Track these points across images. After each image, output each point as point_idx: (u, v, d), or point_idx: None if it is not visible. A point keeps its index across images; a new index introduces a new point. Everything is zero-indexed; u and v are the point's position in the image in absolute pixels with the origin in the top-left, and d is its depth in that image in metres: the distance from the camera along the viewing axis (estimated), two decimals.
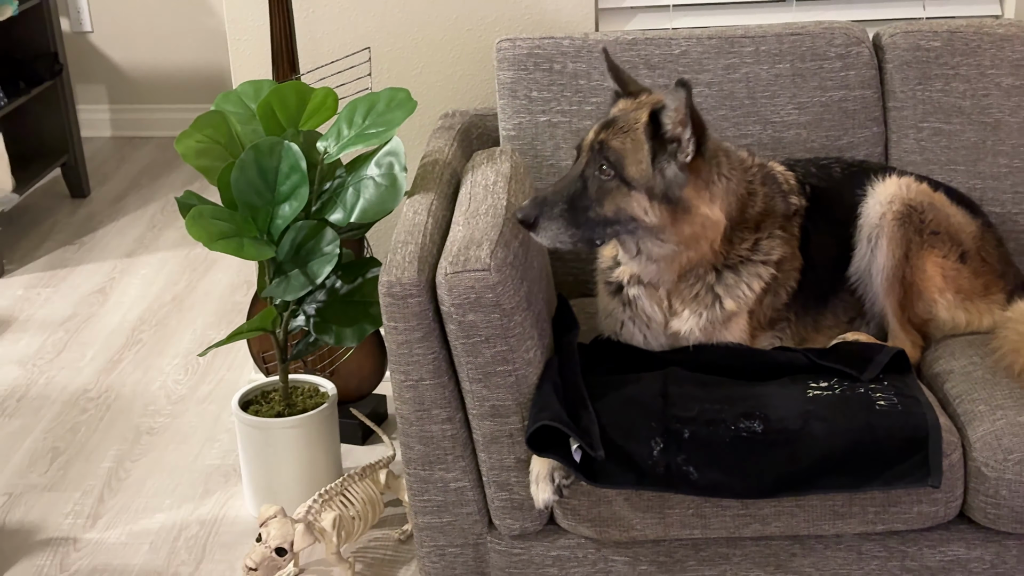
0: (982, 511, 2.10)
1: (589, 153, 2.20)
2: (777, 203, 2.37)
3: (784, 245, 2.35)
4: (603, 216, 2.17)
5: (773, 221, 2.34)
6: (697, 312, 2.29)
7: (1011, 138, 2.63)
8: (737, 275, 2.30)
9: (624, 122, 2.20)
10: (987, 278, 2.45)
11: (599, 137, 2.19)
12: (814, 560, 2.18)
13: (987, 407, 2.13)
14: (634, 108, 2.23)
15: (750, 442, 2.04)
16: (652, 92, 2.29)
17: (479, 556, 2.22)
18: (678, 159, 2.16)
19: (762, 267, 2.32)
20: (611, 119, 2.23)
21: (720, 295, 2.29)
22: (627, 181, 2.16)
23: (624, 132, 2.18)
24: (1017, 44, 2.64)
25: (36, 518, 2.84)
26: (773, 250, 2.33)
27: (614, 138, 2.18)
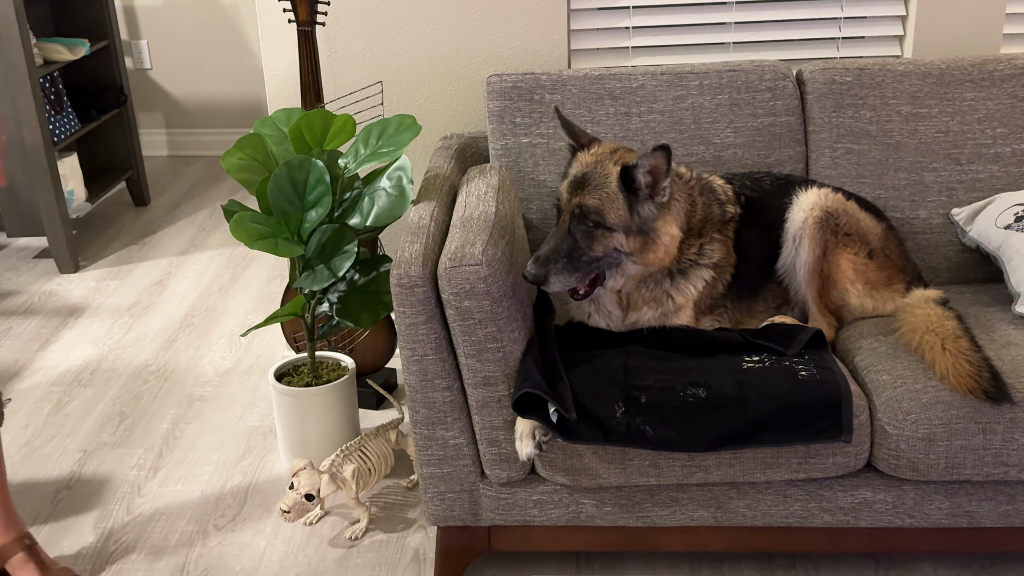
0: (885, 461, 2.10)
1: (571, 216, 2.17)
2: (714, 209, 2.37)
3: (722, 247, 2.35)
4: (593, 257, 2.18)
5: (712, 226, 2.35)
6: (652, 307, 2.30)
7: (909, 156, 2.63)
8: (685, 278, 2.30)
9: (595, 179, 2.17)
10: (890, 271, 2.45)
11: (576, 200, 2.17)
12: (748, 502, 2.18)
13: (890, 377, 2.13)
14: (595, 161, 2.21)
15: (696, 406, 2.04)
16: (601, 142, 2.28)
17: (473, 500, 2.21)
18: (655, 200, 2.17)
19: (705, 269, 2.32)
20: (581, 177, 2.19)
21: (671, 294, 2.30)
22: (609, 227, 2.16)
23: (597, 188, 2.16)
24: (914, 79, 2.64)
25: (107, 470, 2.82)
26: (713, 253, 2.33)
27: (590, 197, 2.16)
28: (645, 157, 2.12)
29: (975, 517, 2.16)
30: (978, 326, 2.26)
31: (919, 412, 2.05)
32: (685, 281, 2.30)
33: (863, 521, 2.18)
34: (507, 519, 2.23)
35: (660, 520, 2.21)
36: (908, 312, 2.26)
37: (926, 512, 2.16)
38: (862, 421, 2.07)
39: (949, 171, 2.63)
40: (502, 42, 2.91)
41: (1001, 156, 2.62)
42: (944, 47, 2.87)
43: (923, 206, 2.64)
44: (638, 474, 2.12)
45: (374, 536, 2.51)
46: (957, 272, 2.65)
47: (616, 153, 2.23)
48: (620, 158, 2.21)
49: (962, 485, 2.13)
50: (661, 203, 2.18)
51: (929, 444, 2.05)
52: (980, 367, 2.05)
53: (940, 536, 2.22)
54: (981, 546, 2.25)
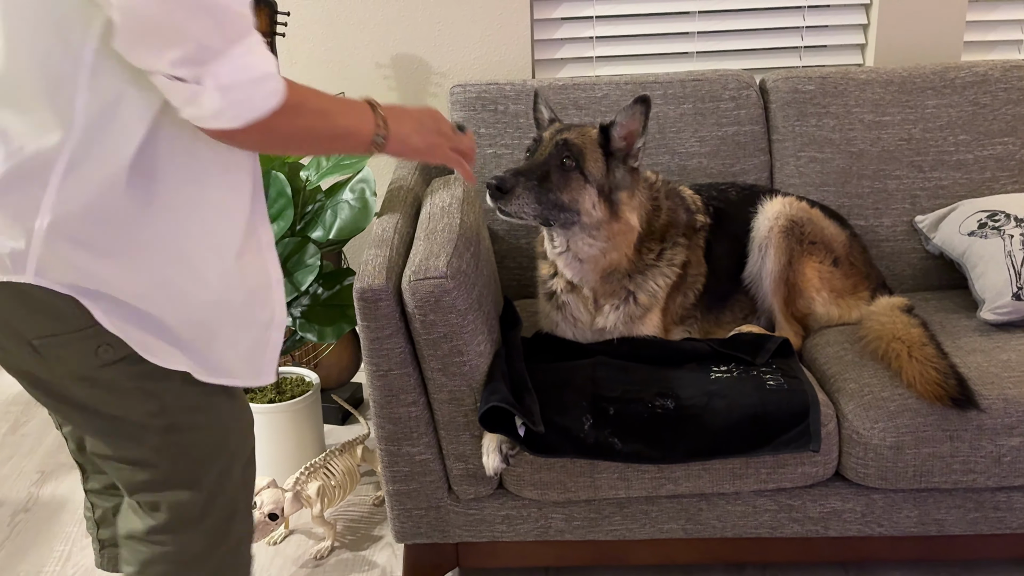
0: (854, 470, 2.10)
1: (553, 146, 2.14)
2: (680, 215, 2.36)
3: (686, 252, 2.34)
4: (561, 201, 2.12)
5: (676, 231, 2.33)
6: (615, 306, 2.28)
7: (872, 164, 2.65)
8: (645, 277, 2.29)
9: (578, 129, 2.19)
10: (855, 279, 2.46)
11: (560, 136, 2.16)
12: (718, 513, 2.17)
13: (856, 385, 2.14)
14: (570, 124, 2.24)
15: (664, 417, 2.02)
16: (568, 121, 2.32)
17: (441, 516, 2.18)
18: (627, 163, 2.16)
19: (667, 269, 2.31)
20: (565, 125, 2.22)
21: (633, 292, 2.28)
22: (585, 175, 2.13)
23: (581, 135, 2.17)
24: (876, 87, 2.66)
25: (65, 491, 2.76)
26: (676, 256, 2.32)
27: (575, 137, 2.16)
28: (623, 112, 2.13)
29: (944, 525, 2.16)
30: (943, 333, 2.27)
31: (887, 420, 2.05)
32: (644, 280, 2.28)
33: (832, 530, 2.18)
34: (475, 535, 2.20)
35: (630, 533, 2.19)
36: (874, 320, 2.27)
37: (895, 520, 2.16)
38: (830, 430, 2.06)
39: (912, 178, 2.64)
40: (465, 52, 2.89)
41: (963, 163, 2.64)
42: (906, 55, 2.90)
43: (887, 214, 2.65)
44: (607, 487, 2.11)
45: (340, 555, 2.47)
46: (921, 279, 2.66)
47: (587, 125, 2.24)
48: (593, 123, 2.23)
49: (931, 493, 2.13)
50: (632, 168, 2.18)
51: (897, 452, 2.05)
52: (946, 374, 2.06)
53: (909, 544, 2.22)
54: (950, 554, 2.26)
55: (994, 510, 2.14)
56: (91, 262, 1.27)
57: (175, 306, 1.34)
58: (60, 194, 1.23)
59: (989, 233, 2.41)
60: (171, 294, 1.34)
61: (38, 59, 1.22)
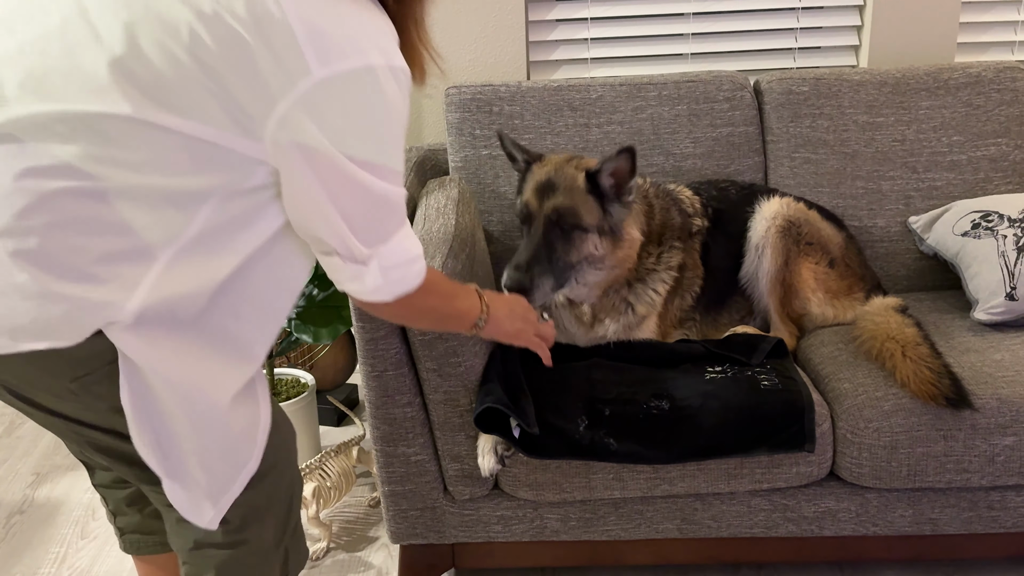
0: (848, 470, 2.11)
1: (546, 220, 2.11)
2: (673, 216, 2.37)
3: (683, 255, 2.35)
4: (570, 262, 2.13)
5: (671, 233, 2.34)
6: (615, 319, 2.28)
7: (866, 165, 2.65)
8: (645, 285, 2.29)
9: (562, 182, 2.13)
10: (850, 280, 2.47)
11: (550, 204, 2.12)
12: (713, 513, 2.17)
13: (851, 385, 2.14)
14: (554, 169, 2.17)
15: (659, 418, 2.03)
16: (545, 155, 2.25)
17: (436, 517, 2.19)
18: (623, 201, 2.15)
19: (665, 273, 2.31)
20: (547, 182, 2.15)
21: (632, 303, 2.28)
22: (584, 227, 2.13)
23: (568, 191, 2.12)
24: (870, 88, 2.67)
25: (60, 493, 2.76)
26: (672, 259, 2.33)
27: (564, 199, 2.12)
28: (608, 160, 2.11)
29: (938, 524, 2.17)
30: (937, 333, 2.28)
31: (881, 420, 2.06)
32: (644, 288, 2.28)
33: (827, 530, 2.18)
34: (471, 536, 2.20)
35: (625, 533, 2.19)
36: (868, 320, 2.28)
37: (889, 520, 2.17)
38: (824, 430, 2.07)
39: (906, 179, 2.65)
40: (461, 54, 2.89)
41: (957, 164, 2.64)
42: (899, 56, 2.90)
43: (881, 214, 2.65)
44: (602, 488, 2.11)
45: (336, 556, 2.47)
46: (915, 279, 2.67)
47: (571, 161, 2.21)
48: (578, 164, 2.19)
49: (924, 492, 2.14)
50: (628, 202, 2.17)
51: (891, 452, 2.06)
52: (940, 374, 2.06)
53: (904, 544, 2.23)
54: (944, 553, 2.26)
55: (988, 509, 2.15)
56: (146, 341, 1.32)
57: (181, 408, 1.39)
58: (157, 281, 1.28)
59: (983, 234, 2.41)
60: (182, 396, 1.38)
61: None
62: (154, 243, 1.27)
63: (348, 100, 1.26)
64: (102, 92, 1.22)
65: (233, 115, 1.25)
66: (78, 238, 1.25)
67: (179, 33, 1.22)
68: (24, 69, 1.24)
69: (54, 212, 1.23)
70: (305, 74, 1.23)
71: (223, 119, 1.25)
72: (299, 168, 1.28)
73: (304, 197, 1.30)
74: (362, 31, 1.28)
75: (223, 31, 1.22)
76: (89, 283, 1.26)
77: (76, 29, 1.24)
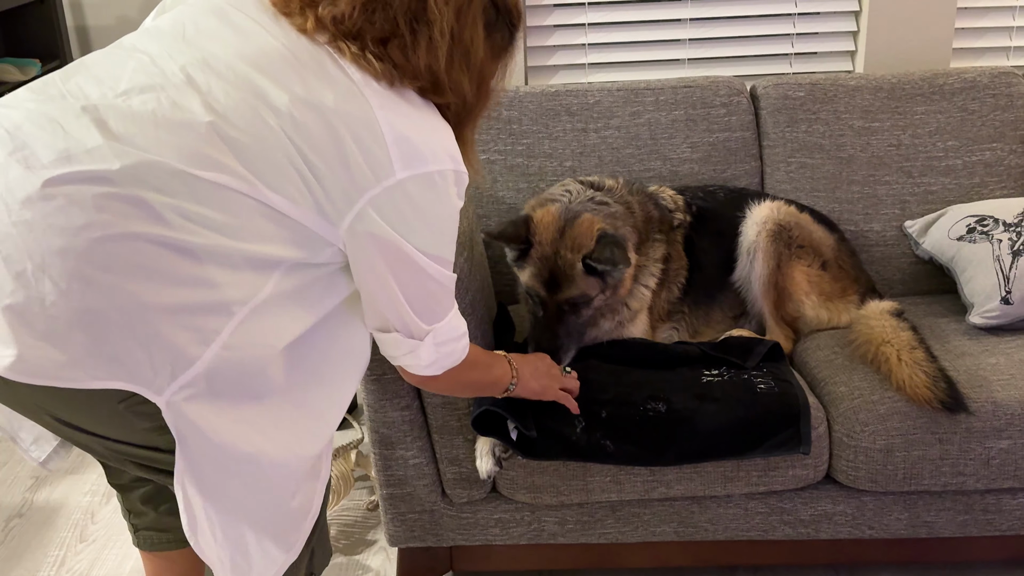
0: (844, 473, 2.11)
1: (558, 311, 2.14)
2: (651, 210, 2.38)
3: (665, 246, 2.36)
4: (582, 325, 2.19)
5: (651, 226, 2.35)
6: (610, 318, 2.29)
7: (862, 170, 2.66)
8: (636, 282, 2.30)
9: (564, 275, 2.12)
10: (844, 283, 2.48)
11: (559, 298, 2.13)
12: (710, 516, 2.18)
13: (846, 388, 2.15)
14: (553, 253, 2.12)
15: (656, 420, 2.03)
16: (537, 221, 2.16)
17: (434, 520, 2.19)
18: (620, 269, 2.15)
19: (653, 266, 2.33)
20: (551, 278, 2.13)
21: (626, 301, 2.29)
22: (591, 299, 2.16)
23: (571, 280, 2.12)
24: (866, 93, 2.68)
25: (59, 497, 2.76)
26: (656, 251, 2.34)
27: (569, 290, 2.12)
28: (597, 255, 2.10)
29: (934, 527, 2.17)
30: (933, 337, 2.28)
31: (876, 423, 2.07)
32: (636, 285, 2.29)
33: (823, 533, 2.19)
34: (468, 539, 2.21)
35: (622, 536, 2.20)
36: (864, 324, 2.28)
37: (885, 523, 2.17)
38: (820, 433, 2.08)
39: (901, 184, 2.66)
40: None
41: (952, 169, 2.66)
42: (895, 62, 2.92)
43: (876, 219, 2.67)
44: (600, 490, 2.12)
45: (334, 559, 2.48)
46: (911, 284, 2.68)
47: (564, 238, 2.13)
48: (574, 243, 2.12)
49: (920, 495, 2.15)
50: (623, 269, 2.17)
51: (887, 455, 2.07)
52: (936, 377, 2.07)
53: (900, 547, 2.23)
54: (940, 556, 2.27)
55: (983, 512, 2.16)
56: (215, 410, 1.37)
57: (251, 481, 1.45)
58: (229, 338, 1.34)
59: (978, 238, 2.42)
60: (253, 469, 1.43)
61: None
62: (233, 300, 1.33)
63: (421, 199, 1.41)
64: (200, 154, 1.30)
65: (316, 198, 1.35)
66: (163, 284, 1.30)
67: (279, 110, 1.32)
68: (125, 116, 1.31)
69: (137, 255, 1.29)
70: (390, 175, 1.37)
71: (308, 200, 1.35)
72: (371, 254, 1.42)
73: (372, 279, 1.45)
74: (437, 138, 1.43)
75: (317, 118, 1.33)
76: (174, 327, 1.31)
77: (182, 89, 1.33)
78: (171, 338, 1.31)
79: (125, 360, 1.29)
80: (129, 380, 1.30)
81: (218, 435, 1.37)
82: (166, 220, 1.29)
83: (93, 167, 1.27)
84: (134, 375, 1.30)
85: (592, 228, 2.14)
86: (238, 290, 1.34)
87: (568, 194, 2.27)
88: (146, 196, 1.27)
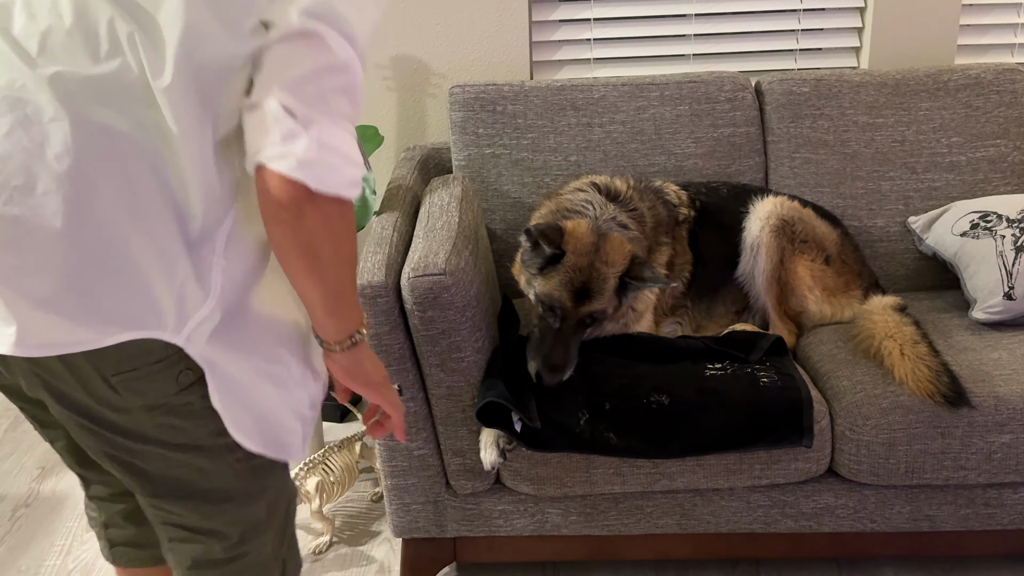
0: (846, 466, 2.12)
1: (578, 322, 2.12)
2: (661, 212, 2.39)
3: (671, 248, 2.37)
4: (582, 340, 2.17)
5: (661, 229, 2.36)
6: (615, 321, 2.29)
7: (866, 165, 2.67)
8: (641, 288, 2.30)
9: (597, 286, 2.11)
10: (847, 277, 2.49)
11: (585, 310, 2.11)
12: (712, 509, 2.19)
13: (849, 382, 2.16)
14: (588, 264, 2.11)
15: (659, 413, 2.05)
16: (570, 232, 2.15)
17: (439, 511, 2.20)
18: (636, 289, 2.18)
19: (658, 270, 2.33)
20: (582, 286, 2.10)
21: (632, 304, 2.30)
22: (606, 315, 2.17)
23: (600, 294, 2.12)
24: (870, 89, 2.68)
25: (65, 487, 2.78)
26: (662, 254, 2.36)
27: (598, 304, 2.12)
28: (646, 271, 2.13)
29: (935, 521, 2.18)
30: (936, 332, 2.29)
31: (879, 417, 2.08)
32: (640, 291, 2.30)
33: (825, 526, 2.20)
34: (472, 530, 2.22)
35: (625, 528, 2.21)
36: (867, 318, 2.29)
37: (887, 516, 2.18)
38: (823, 427, 2.09)
39: (905, 180, 2.67)
40: (464, 53, 2.92)
41: (956, 165, 2.66)
42: (900, 58, 2.92)
43: (880, 214, 2.67)
44: (603, 482, 2.13)
45: (338, 550, 2.49)
46: (914, 279, 2.69)
47: (599, 253, 2.13)
48: (608, 258, 2.13)
49: (922, 489, 2.16)
50: (639, 287, 2.19)
51: (889, 449, 2.08)
52: (938, 372, 2.08)
53: (901, 540, 2.24)
54: (942, 550, 2.28)
55: (985, 506, 2.17)
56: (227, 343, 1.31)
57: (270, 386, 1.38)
58: (225, 259, 1.27)
59: (981, 234, 2.43)
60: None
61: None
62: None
63: None
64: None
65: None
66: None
67: None
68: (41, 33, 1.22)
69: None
70: None
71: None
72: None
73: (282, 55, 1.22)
74: None
75: None
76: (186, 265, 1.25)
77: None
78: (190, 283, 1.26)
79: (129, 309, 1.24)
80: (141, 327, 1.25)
81: (238, 366, 1.34)
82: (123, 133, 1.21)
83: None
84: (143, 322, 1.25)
85: (624, 248, 2.15)
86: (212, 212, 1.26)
87: (590, 206, 2.27)
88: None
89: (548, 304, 2.13)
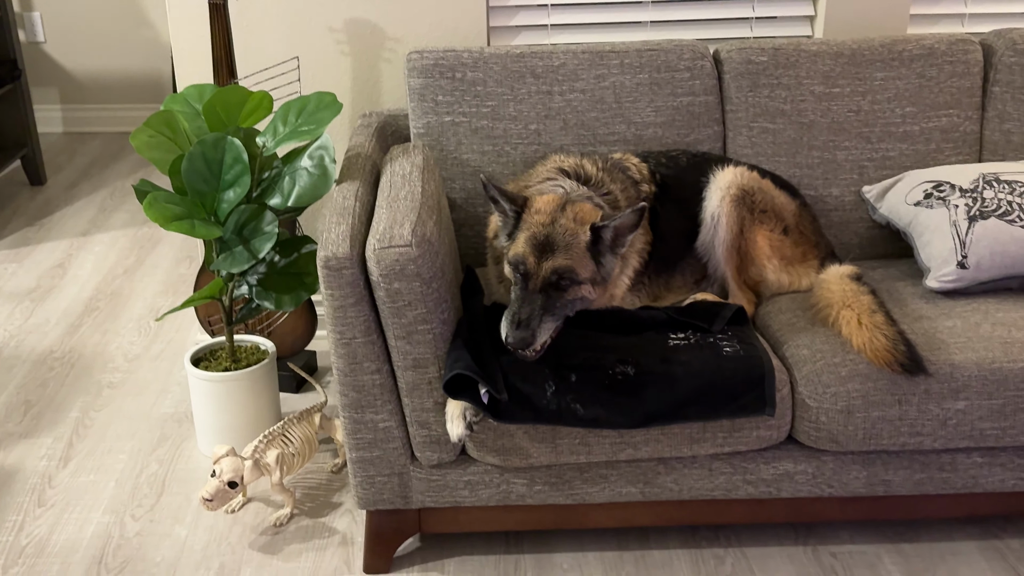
0: (806, 434, 2.16)
1: (544, 279, 2.08)
2: (629, 191, 2.40)
3: (643, 233, 2.37)
4: (564, 307, 2.11)
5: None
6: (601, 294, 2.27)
7: (822, 135, 2.69)
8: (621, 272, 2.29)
9: (562, 239, 2.10)
10: (805, 247, 2.51)
11: (548, 265, 2.09)
12: (675, 477, 2.22)
13: (809, 351, 2.19)
14: (550, 221, 2.12)
15: (624, 383, 2.06)
16: (536, 197, 2.19)
17: (403, 483, 2.20)
18: (615, 252, 2.16)
19: (633, 258, 2.33)
20: (544, 240, 2.10)
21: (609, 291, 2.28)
22: (579, 281, 2.12)
23: (567, 249, 2.10)
24: (826, 59, 2.70)
25: (14, 461, 2.71)
26: (638, 240, 2.35)
27: (563, 259, 2.09)
28: (622, 217, 2.10)
29: (891, 485, 2.24)
30: (891, 300, 2.33)
31: (838, 385, 2.11)
32: (620, 277, 2.30)
33: (784, 492, 2.24)
34: (437, 501, 2.22)
35: (589, 497, 2.23)
36: (824, 288, 2.32)
37: (844, 481, 2.23)
38: (784, 395, 2.12)
39: (860, 149, 2.70)
40: (419, 18, 2.87)
41: (910, 135, 2.70)
42: (853, 27, 2.94)
43: (835, 184, 2.70)
44: (568, 452, 2.14)
45: (300, 522, 2.48)
46: (868, 248, 2.73)
47: (566, 211, 2.14)
48: (577, 216, 2.13)
49: (879, 455, 2.21)
50: (621, 253, 2.18)
51: (848, 416, 2.12)
52: (895, 340, 2.12)
53: (858, 504, 2.29)
54: (897, 513, 2.34)
55: (939, 471, 2.22)
56: None
57: None
58: None
59: (935, 203, 2.47)
60: None
61: None
62: None
63: None
64: None
65: None
66: None
67: None
68: None
69: None
70: None
71: None
72: None
73: None
74: None
75: None
76: None
77: None
78: None
79: None
80: None
81: None
82: None
83: None
84: None
85: (595, 213, 2.16)
86: None
87: (562, 190, 2.26)
88: None
89: (515, 264, 2.13)
